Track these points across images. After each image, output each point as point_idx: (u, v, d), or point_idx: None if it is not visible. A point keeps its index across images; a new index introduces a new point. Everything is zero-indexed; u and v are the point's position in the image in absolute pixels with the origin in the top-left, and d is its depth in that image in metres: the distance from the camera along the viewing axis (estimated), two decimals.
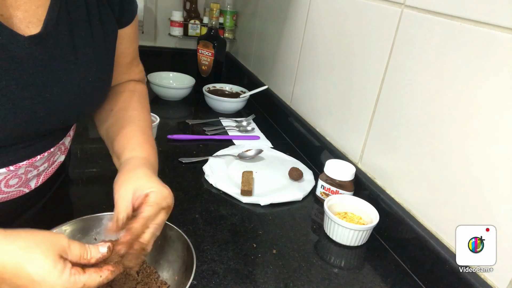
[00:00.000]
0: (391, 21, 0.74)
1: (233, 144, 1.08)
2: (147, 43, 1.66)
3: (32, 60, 0.46)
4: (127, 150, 0.58)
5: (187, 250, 0.54)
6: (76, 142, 0.68)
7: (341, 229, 0.71)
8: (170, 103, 1.33)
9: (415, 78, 0.70)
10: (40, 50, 0.47)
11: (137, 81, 0.72)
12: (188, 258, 0.53)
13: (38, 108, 0.48)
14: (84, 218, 0.56)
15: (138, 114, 0.64)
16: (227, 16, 1.65)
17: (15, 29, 0.45)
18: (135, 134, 0.60)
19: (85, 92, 0.54)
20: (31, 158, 0.54)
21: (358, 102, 0.86)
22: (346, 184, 0.82)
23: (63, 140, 0.61)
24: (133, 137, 0.59)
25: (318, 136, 1.01)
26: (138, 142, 0.59)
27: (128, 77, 0.70)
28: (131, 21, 0.63)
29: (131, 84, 0.69)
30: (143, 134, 0.61)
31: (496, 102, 0.56)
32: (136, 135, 0.60)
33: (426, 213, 0.68)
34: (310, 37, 1.07)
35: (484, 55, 0.57)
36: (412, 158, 0.71)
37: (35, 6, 0.47)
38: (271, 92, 1.32)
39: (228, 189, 0.84)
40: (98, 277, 0.42)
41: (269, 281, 0.62)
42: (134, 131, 0.60)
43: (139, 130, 0.61)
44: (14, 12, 0.45)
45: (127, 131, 0.60)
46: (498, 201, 0.56)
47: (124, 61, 0.66)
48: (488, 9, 0.56)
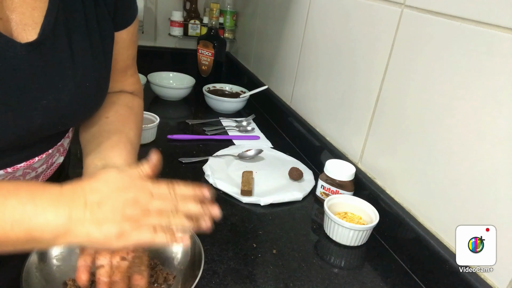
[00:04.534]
0: (391, 21, 0.74)
1: (233, 144, 1.08)
2: (147, 43, 1.66)
3: (29, 66, 0.45)
4: (122, 164, 0.54)
5: (194, 243, 0.55)
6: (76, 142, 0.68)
7: (341, 229, 0.71)
8: (170, 103, 1.33)
9: (415, 78, 0.70)
10: (37, 56, 0.46)
11: (133, 94, 0.69)
12: (195, 251, 0.54)
13: (35, 114, 0.48)
14: None
15: (133, 135, 0.61)
16: (227, 16, 1.65)
17: (11, 32, 0.44)
18: (133, 156, 0.57)
19: (82, 98, 0.53)
20: (29, 160, 0.54)
21: (358, 102, 0.86)
22: (346, 184, 0.82)
23: (62, 141, 0.61)
24: (132, 157, 0.57)
25: (318, 136, 1.01)
26: (133, 160, 0.57)
27: (121, 86, 0.67)
28: (126, 27, 0.61)
29: (128, 98, 0.67)
30: (136, 157, 0.59)
31: (496, 102, 0.56)
32: (134, 157, 0.58)
33: (426, 213, 0.68)
34: (310, 37, 1.07)
35: (484, 55, 0.57)
36: (412, 158, 0.71)
37: (31, 8, 0.46)
38: (271, 92, 1.32)
39: (228, 189, 0.83)
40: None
41: (269, 281, 0.62)
42: (131, 153, 0.57)
43: (134, 153, 0.59)
44: (10, 14, 0.45)
45: (125, 148, 0.57)
46: (498, 201, 0.56)
47: (116, 66, 0.63)
48: (488, 9, 0.56)
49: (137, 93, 0.70)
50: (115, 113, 0.62)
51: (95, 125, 0.60)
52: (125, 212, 0.42)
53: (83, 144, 0.59)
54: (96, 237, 0.41)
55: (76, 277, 0.44)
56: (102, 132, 0.58)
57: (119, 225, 0.42)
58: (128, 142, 0.58)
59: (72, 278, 0.52)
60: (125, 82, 0.67)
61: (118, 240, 0.42)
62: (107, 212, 0.42)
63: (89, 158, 0.54)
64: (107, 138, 0.57)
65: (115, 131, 0.58)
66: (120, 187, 0.44)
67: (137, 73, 0.71)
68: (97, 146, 0.56)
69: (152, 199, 0.45)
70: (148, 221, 0.43)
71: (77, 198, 0.42)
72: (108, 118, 0.60)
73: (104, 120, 0.60)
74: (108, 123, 0.60)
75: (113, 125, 0.60)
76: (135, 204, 0.43)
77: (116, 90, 0.66)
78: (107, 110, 0.62)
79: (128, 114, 0.63)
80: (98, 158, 0.53)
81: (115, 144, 0.56)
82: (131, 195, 0.44)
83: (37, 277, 0.49)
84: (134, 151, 0.58)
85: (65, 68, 0.50)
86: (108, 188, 0.44)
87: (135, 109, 0.66)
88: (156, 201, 0.45)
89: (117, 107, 0.63)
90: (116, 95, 0.66)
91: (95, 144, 0.56)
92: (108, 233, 0.41)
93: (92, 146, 0.56)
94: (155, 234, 0.43)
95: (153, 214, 0.44)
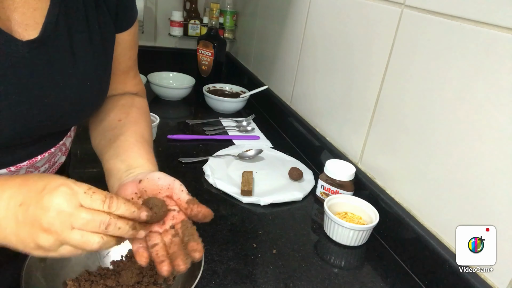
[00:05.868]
0: (391, 21, 0.74)
1: (233, 144, 1.08)
2: (147, 43, 1.66)
3: (30, 65, 0.46)
4: (148, 163, 0.55)
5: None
6: (76, 142, 0.68)
7: (341, 229, 0.71)
8: (170, 103, 1.33)
9: (415, 78, 0.70)
10: (38, 55, 0.46)
11: (137, 95, 0.70)
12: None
13: (36, 113, 0.48)
14: None
15: (148, 135, 0.62)
16: (227, 16, 1.65)
17: (12, 32, 0.45)
18: (152, 155, 0.58)
19: (83, 97, 0.53)
20: (32, 159, 0.54)
21: (358, 102, 0.86)
22: (346, 184, 0.82)
23: (64, 140, 0.61)
24: (152, 156, 0.58)
25: (318, 136, 1.01)
26: (155, 163, 0.57)
27: (124, 88, 0.68)
28: (128, 28, 0.61)
29: (135, 99, 0.67)
30: (152, 153, 0.59)
31: (496, 102, 0.56)
32: (153, 156, 0.58)
33: (426, 213, 0.68)
34: (310, 37, 1.07)
35: (484, 55, 0.57)
36: (412, 158, 0.71)
37: (32, 8, 0.46)
38: (271, 92, 1.32)
39: (228, 189, 0.84)
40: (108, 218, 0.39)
41: (269, 281, 0.62)
42: (150, 151, 0.58)
43: (152, 152, 0.59)
44: (11, 14, 0.45)
45: (143, 148, 0.57)
46: (498, 201, 0.56)
47: (118, 68, 0.64)
48: (488, 9, 0.56)
49: (141, 94, 0.71)
50: (126, 115, 0.62)
51: (109, 130, 0.60)
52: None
53: (100, 149, 0.59)
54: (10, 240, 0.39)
55: (137, 260, 0.43)
56: (118, 135, 0.58)
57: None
58: (145, 141, 0.59)
59: (72, 278, 0.52)
60: (128, 83, 0.68)
61: (36, 250, 0.39)
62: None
63: (111, 163, 0.55)
64: (124, 140, 0.57)
65: (131, 133, 0.59)
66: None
67: (139, 74, 0.72)
68: (116, 149, 0.56)
69: (80, 210, 0.39)
70: (68, 235, 0.38)
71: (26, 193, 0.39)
72: (121, 121, 0.61)
73: (117, 123, 0.61)
74: (121, 125, 0.60)
75: (127, 127, 0.60)
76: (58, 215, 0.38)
77: (120, 92, 0.67)
78: (118, 114, 0.62)
79: (140, 115, 0.64)
80: (120, 161, 0.54)
81: (133, 145, 0.57)
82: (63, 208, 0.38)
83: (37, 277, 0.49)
84: (150, 149, 0.59)
85: (66, 67, 0.50)
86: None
87: (143, 109, 0.67)
88: (83, 213, 0.39)
89: (127, 109, 0.64)
90: (124, 97, 0.66)
91: (113, 148, 0.56)
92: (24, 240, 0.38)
93: (111, 151, 0.56)
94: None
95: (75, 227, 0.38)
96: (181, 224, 0.47)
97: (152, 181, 0.48)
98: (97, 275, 0.53)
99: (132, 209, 0.41)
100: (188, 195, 0.48)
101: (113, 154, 0.56)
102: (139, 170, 0.52)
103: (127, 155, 0.55)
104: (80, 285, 0.51)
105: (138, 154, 0.55)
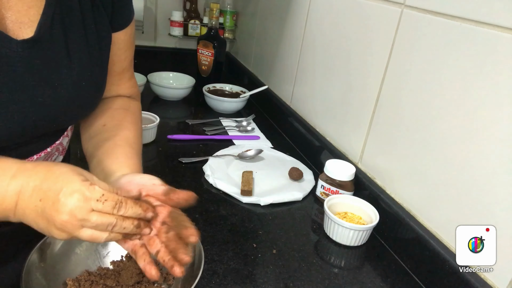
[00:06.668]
0: (391, 21, 0.74)
1: (233, 144, 1.08)
2: (147, 43, 1.66)
3: (25, 64, 0.45)
4: (123, 167, 0.55)
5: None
6: (76, 141, 0.68)
7: (341, 229, 0.71)
8: (170, 103, 1.33)
9: (415, 78, 0.70)
10: (33, 54, 0.46)
11: (130, 98, 0.68)
12: (195, 251, 0.54)
13: (30, 112, 0.48)
14: None
15: (132, 136, 0.61)
16: (227, 16, 1.65)
17: (7, 31, 0.44)
18: (131, 156, 0.57)
19: (78, 97, 0.53)
20: (27, 159, 0.54)
21: (358, 102, 0.86)
22: (346, 184, 0.82)
23: (61, 140, 0.61)
24: (131, 158, 0.57)
25: (318, 136, 1.01)
26: (135, 164, 0.57)
27: (118, 90, 0.66)
28: (124, 27, 0.61)
29: (124, 100, 0.66)
30: (137, 156, 0.59)
31: (496, 102, 0.56)
32: (133, 157, 0.57)
33: (426, 213, 0.68)
34: (310, 37, 1.07)
35: (484, 55, 0.57)
36: (412, 158, 0.71)
37: (27, 6, 0.46)
38: (271, 92, 1.32)
39: (228, 189, 0.83)
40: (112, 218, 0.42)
41: (269, 281, 0.62)
42: (130, 153, 0.58)
43: (134, 152, 0.58)
44: (6, 12, 0.45)
45: (122, 151, 0.57)
46: (498, 201, 0.56)
47: (113, 68, 0.62)
48: (488, 9, 0.56)
49: (135, 96, 0.70)
50: (111, 119, 0.62)
51: (94, 136, 0.60)
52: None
53: (87, 157, 0.60)
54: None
55: (147, 276, 0.46)
56: (100, 141, 0.58)
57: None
58: (126, 144, 0.58)
59: (72, 278, 0.52)
60: (122, 85, 0.67)
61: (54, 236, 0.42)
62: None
63: (94, 173, 0.54)
64: (102, 146, 0.57)
65: (111, 137, 0.58)
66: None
67: (134, 77, 0.70)
68: (96, 157, 0.57)
69: (91, 216, 0.41)
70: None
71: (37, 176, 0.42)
72: (105, 126, 0.61)
73: (101, 128, 0.60)
74: (105, 131, 0.60)
75: (109, 132, 0.59)
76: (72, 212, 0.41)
77: (113, 94, 0.66)
78: (103, 118, 0.62)
79: (124, 115, 0.63)
80: (99, 170, 0.55)
81: (110, 151, 0.56)
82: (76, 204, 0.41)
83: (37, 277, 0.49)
84: (133, 150, 0.58)
85: (61, 66, 0.50)
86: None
87: (132, 109, 0.66)
88: (94, 217, 0.41)
89: (112, 111, 0.63)
90: (112, 100, 0.65)
91: (95, 156, 0.57)
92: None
93: (94, 159, 0.57)
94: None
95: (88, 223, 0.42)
96: (170, 216, 0.48)
97: (124, 185, 0.49)
98: (97, 275, 0.53)
99: (138, 212, 0.44)
100: (162, 185, 0.49)
101: (96, 163, 0.56)
102: (112, 178, 0.52)
103: (104, 164, 0.55)
104: (80, 285, 0.51)
105: (113, 162, 0.55)
